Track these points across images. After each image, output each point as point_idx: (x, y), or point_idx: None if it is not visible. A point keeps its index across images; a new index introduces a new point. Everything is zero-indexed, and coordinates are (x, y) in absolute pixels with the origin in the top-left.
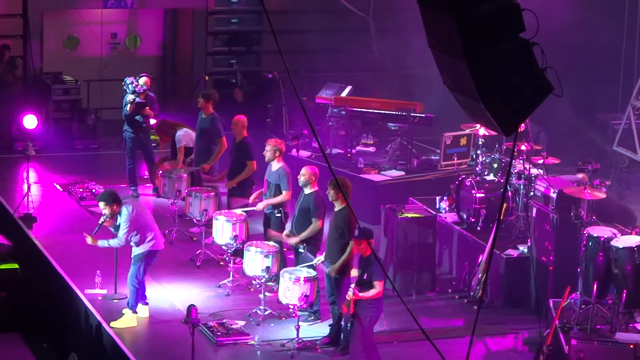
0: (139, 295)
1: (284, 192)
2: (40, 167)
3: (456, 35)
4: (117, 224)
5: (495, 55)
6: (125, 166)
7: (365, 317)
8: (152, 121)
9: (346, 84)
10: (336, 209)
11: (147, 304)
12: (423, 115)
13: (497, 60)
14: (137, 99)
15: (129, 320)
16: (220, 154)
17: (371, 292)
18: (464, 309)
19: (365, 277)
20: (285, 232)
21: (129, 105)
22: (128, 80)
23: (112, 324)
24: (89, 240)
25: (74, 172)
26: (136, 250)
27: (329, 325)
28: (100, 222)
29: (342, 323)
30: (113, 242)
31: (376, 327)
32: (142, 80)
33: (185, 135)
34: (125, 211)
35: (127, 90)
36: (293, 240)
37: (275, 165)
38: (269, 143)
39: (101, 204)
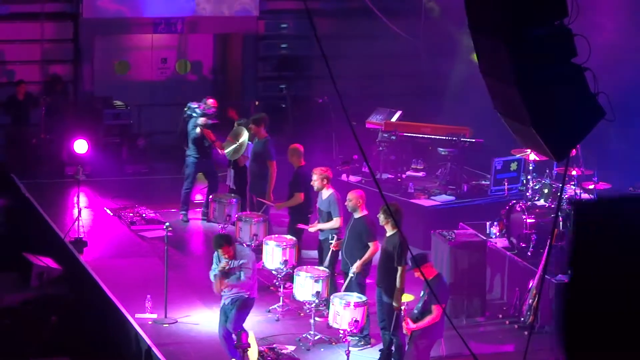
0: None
1: (335, 218)
2: (91, 191)
3: (507, 61)
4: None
5: (547, 81)
6: (178, 189)
7: (421, 342)
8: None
9: (396, 108)
10: (387, 235)
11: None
12: (473, 140)
13: (549, 86)
14: (210, 122)
15: None
16: (273, 178)
17: (427, 319)
18: (515, 335)
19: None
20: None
21: (198, 128)
22: (193, 105)
23: None
24: (217, 288)
25: (124, 196)
26: (243, 294)
27: (379, 351)
28: (223, 267)
29: (393, 348)
30: (235, 280)
31: (434, 352)
32: (211, 101)
33: None
34: (247, 251)
35: (194, 115)
36: (353, 268)
37: (325, 193)
38: (315, 172)
39: (222, 250)
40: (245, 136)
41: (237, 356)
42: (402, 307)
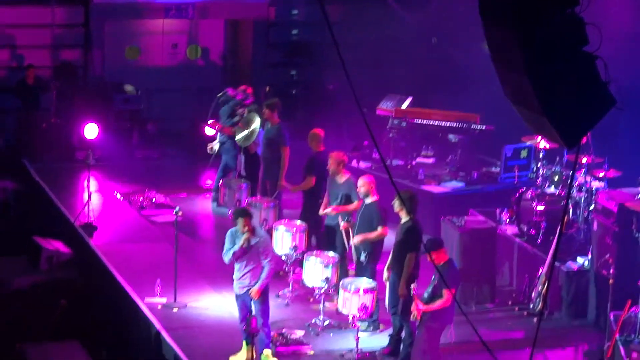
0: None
1: (355, 201)
2: (101, 176)
3: (517, 49)
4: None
5: (558, 69)
6: (188, 174)
7: (431, 326)
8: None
9: (407, 95)
10: (402, 221)
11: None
12: (483, 127)
13: (559, 74)
14: (249, 108)
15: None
16: (286, 164)
17: (437, 303)
18: (524, 321)
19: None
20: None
21: (237, 117)
22: (230, 92)
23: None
24: (254, 294)
25: (134, 181)
26: (263, 281)
27: (389, 336)
28: (242, 244)
29: (402, 334)
30: (265, 276)
31: (443, 338)
32: (249, 91)
33: None
34: (263, 232)
35: (230, 103)
36: (357, 238)
37: (342, 178)
38: (331, 157)
39: (243, 220)
40: (257, 123)
41: (268, 345)
42: (412, 287)
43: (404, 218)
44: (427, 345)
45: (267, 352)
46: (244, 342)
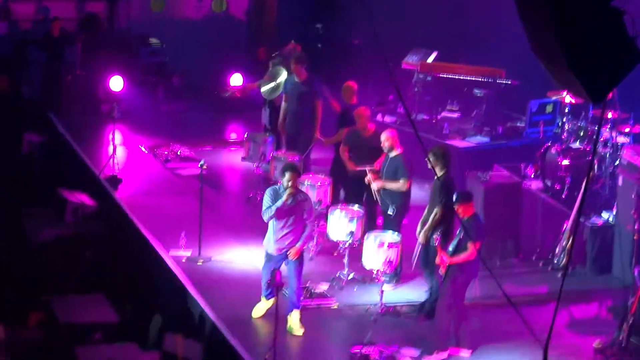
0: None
1: (401, 180)
2: (126, 128)
3: (544, 3)
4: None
5: (585, 24)
6: (213, 128)
7: (457, 278)
8: None
9: (432, 49)
10: (437, 176)
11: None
12: (509, 81)
13: (586, 29)
14: (274, 62)
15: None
16: (320, 118)
17: (462, 255)
18: (548, 276)
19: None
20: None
21: None
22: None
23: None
24: (292, 253)
25: (159, 134)
26: (304, 240)
27: (425, 292)
28: (286, 199)
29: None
30: (306, 237)
31: (468, 293)
32: (292, 47)
33: None
34: (308, 195)
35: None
36: (376, 184)
37: (393, 153)
38: (385, 132)
39: (291, 175)
40: (283, 76)
41: (298, 307)
42: (434, 237)
43: (439, 172)
44: (452, 299)
45: (296, 313)
46: (263, 298)
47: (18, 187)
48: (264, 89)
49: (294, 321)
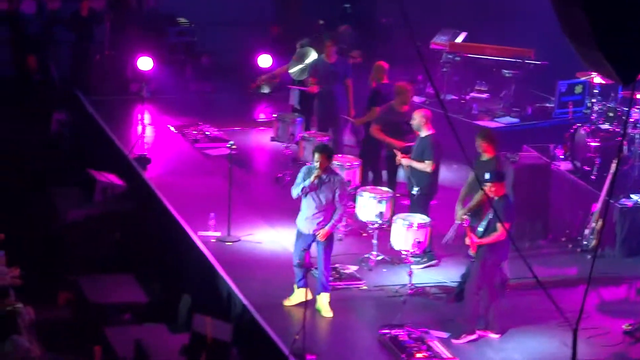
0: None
1: (427, 161)
2: (155, 108)
3: None
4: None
5: (616, 4)
6: (242, 108)
7: (487, 259)
8: None
9: (461, 29)
10: (483, 159)
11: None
12: (538, 62)
13: (617, 9)
14: (302, 43)
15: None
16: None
17: (492, 236)
18: (577, 258)
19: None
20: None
21: None
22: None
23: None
24: (322, 234)
25: (187, 114)
26: (334, 222)
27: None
28: (313, 179)
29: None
30: (336, 218)
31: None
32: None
33: None
34: (341, 176)
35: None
36: (404, 161)
37: (424, 133)
38: (418, 111)
39: (320, 156)
40: (312, 57)
41: (327, 289)
42: (463, 218)
43: (486, 157)
44: (481, 280)
45: (325, 295)
46: (295, 286)
47: (47, 166)
48: (292, 70)
49: (323, 303)
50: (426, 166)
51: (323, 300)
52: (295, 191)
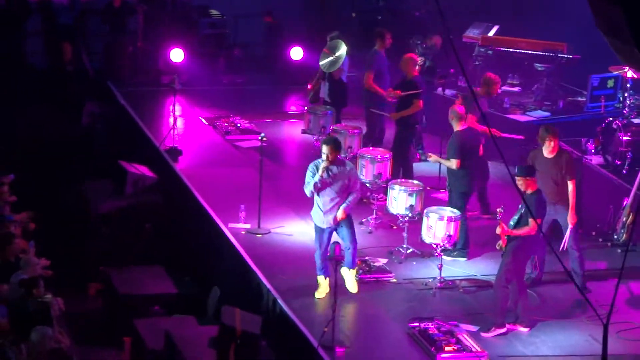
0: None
1: (451, 160)
2: (186, 100)
3: None
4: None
5: None
6: (273, 100)
7: (518, 253)
8: None
9: (493, 23)
10: (549, 156)
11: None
12: (570, 56)
13: None
14: (427, 62)
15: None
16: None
17: (523, 229)
18: (607, 252)
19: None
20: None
21: (416, 67)
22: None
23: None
24: (340, 214)
25: (219, 106)
26: (350, 203)
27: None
28: (321, 172)
29: None
30: (352, 200)
31: (528, 269)
32: (432, 42)
33: None
34: (352, 164)
35: (417, 51)
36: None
37: (455, 128)
38: (452, 107)
39: (328, 148)
40: (342, 49)
41: (328, 274)
42: (498, 211)
43: (555, 150)
44: (510, 274)
45: (352, 271)
46: (321, 277)
47: (79, 158)
48: (322, 62)
49: (349, 279)
50: (451, 164)
51: (349, 276)
52: (308, 189)
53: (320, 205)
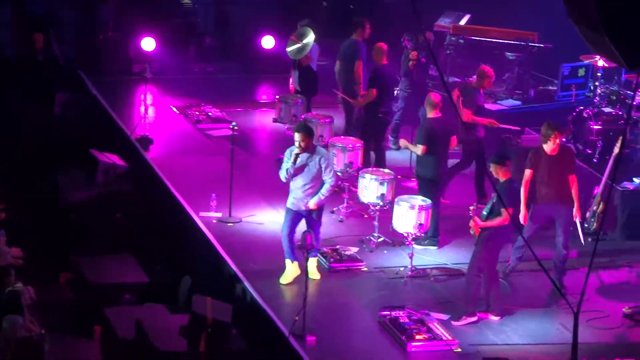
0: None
1: (418, 145)
2: (157, 89)
3: None
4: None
5: None
6: (245, 89)
7: (489, 243)
8: None
9: (464, 12)
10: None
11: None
12: (541, 45)
13: None
14: (422, 58)
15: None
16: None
17: (496, 220)
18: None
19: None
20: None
21: (410, 62)
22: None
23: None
24: (312, 205)
25: (190, 94)
26: (323, 194)
27: None
28: (292, 159)
29: None
30: (326, 190)
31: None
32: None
33: None
34: (325, 151)
35: (408, 47)
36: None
37: (428, 115)
38: (427, 96)
39: (300, 135)
40: (310, 37)
41: (299, 259)
42: (471, 209)
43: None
44: (483, 262)
45: (314, 259)
46: (288, 261)
47: (50, 147)
48: (289, 49)
49: (311, 267)
50: (417, 149)
51: (312, 265)
52: (282, 174)
53: (293, 191)
